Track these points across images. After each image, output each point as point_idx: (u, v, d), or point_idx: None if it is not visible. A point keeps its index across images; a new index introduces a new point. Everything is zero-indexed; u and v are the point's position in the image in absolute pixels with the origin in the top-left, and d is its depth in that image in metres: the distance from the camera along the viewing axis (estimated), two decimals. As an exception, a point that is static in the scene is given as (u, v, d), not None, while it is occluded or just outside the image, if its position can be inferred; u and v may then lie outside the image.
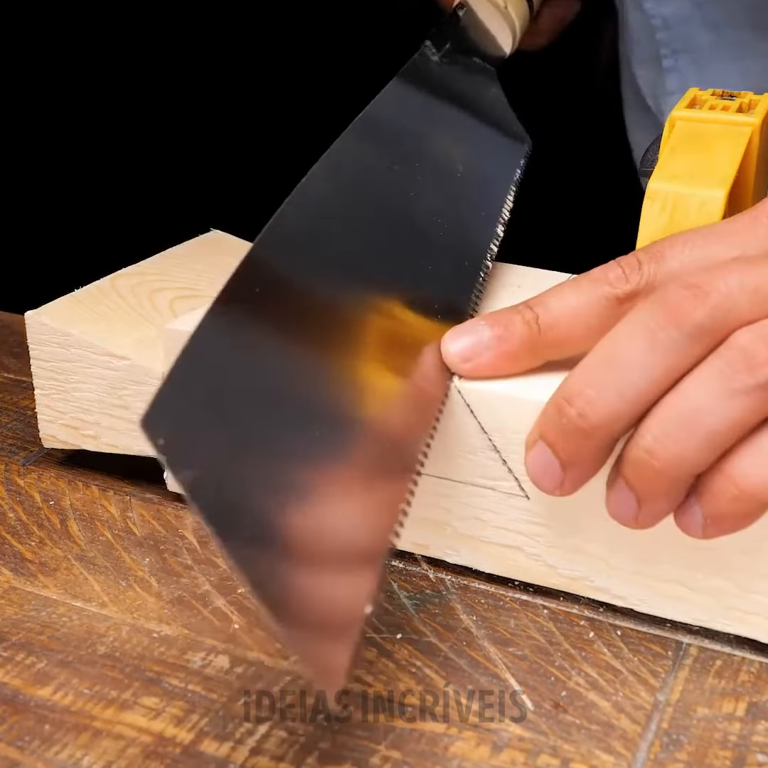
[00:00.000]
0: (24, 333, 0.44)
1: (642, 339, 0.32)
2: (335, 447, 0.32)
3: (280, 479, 0.30)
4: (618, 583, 0.37)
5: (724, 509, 0.32)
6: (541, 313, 0.36)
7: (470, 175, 0.45)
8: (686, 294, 0.32)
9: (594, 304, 0.35)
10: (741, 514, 0.32)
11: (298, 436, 0.31)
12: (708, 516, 0.32)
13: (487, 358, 0.36)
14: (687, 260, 0.35)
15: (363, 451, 0.33)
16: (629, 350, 0.32)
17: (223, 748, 0.32)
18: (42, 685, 0.34)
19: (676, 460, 0.31)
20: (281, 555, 0.28)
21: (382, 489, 0.33)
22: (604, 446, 0.33)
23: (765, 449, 0.31)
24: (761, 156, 0.42)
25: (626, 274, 0.35)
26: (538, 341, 0.36)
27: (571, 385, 0.33)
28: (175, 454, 0.27)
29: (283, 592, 0.27)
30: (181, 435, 0.28)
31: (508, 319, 0.36)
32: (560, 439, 0.33)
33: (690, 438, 0.31)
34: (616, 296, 0.35)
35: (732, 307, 0.32)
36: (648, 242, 0.39)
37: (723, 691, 0.34)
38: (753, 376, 0.31)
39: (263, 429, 0.31)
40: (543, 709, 0.33)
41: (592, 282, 0.35)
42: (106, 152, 0.77)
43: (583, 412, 0.32)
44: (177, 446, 0.27)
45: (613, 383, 0.32)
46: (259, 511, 0.29)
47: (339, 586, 0.30)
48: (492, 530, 0.38)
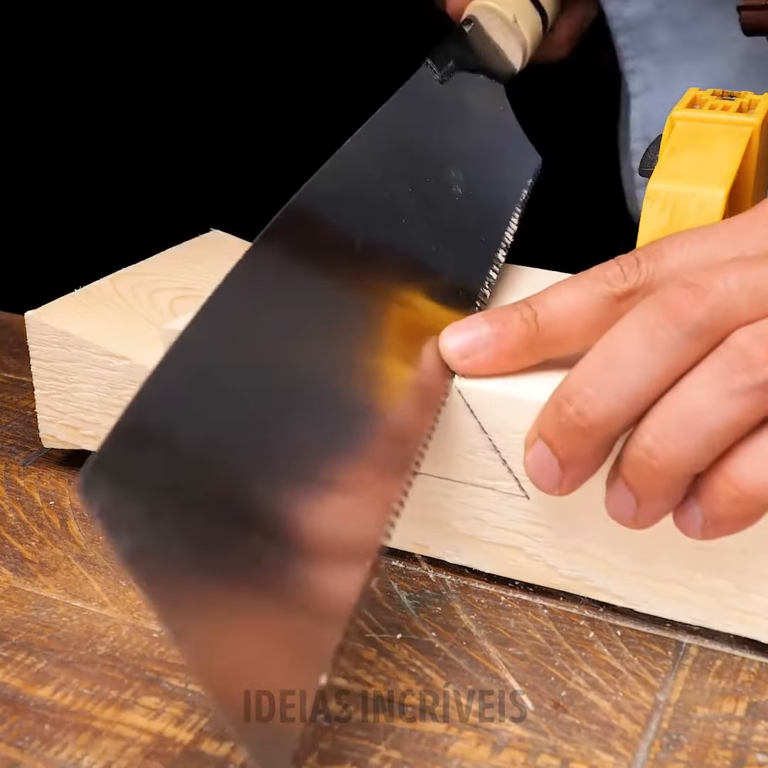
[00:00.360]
0: (24, 333, 0.44)
1: (641, 338, 0.32)
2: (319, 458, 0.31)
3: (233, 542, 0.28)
4: (618, 583, 0.37)
5: (723, 511, 0.32)
6: (539, 310, 0.36)
7: (472, 197, 0.44)
8: (685, 293, 0.32)
9: (592, 302, 0.35)
10: (741, 516, 0.32)
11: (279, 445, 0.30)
12: (707, 517, 0.32)
13: (485, 356, 0.36)
14: (686, 259, 0.35)
15: (365, 446, 0.33)
16: (628, 349, 0.32)
17: (223, 748, 0.32)
18: (42, 685, 0.34)
19: (675, 460, 0.31)
20: (221, 626, 0.27)
21: (379, 486, 0.33)
22: (603, 445, 0.33)
23: (764, 450, 0.31)
24: (761, 156, 0.42)
25: (625, 272, 0.35)
26: (537, 339, 0.36)
27: (570, 383, 0.33)
28: (114, 520, 0.25)
29: (224, 672, 0.26)
30: (121, 499, 0.26)
31: (507, 317, 0.36)
32: (559, 437, 0.33)
33: (689, 438, 0.31)
34: (615, 294, 0.35)
35: (731, 306, 0.32)
36: (648, 242, 0.39)
37: (723, 691, 0.34)
38: (752, 376, 0.31)
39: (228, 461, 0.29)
40: (543, 709, 0.33)
41: (591, 280, 0.35)
42: (105, 152, 0.77)
43: (581, 411, 0.32)
44: (115, 511, 0.25)
45: (612, 382, 0.32)
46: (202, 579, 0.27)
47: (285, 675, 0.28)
48: (492, 530, 0.38)
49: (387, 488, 0.32)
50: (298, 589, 0.29)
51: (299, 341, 0.33)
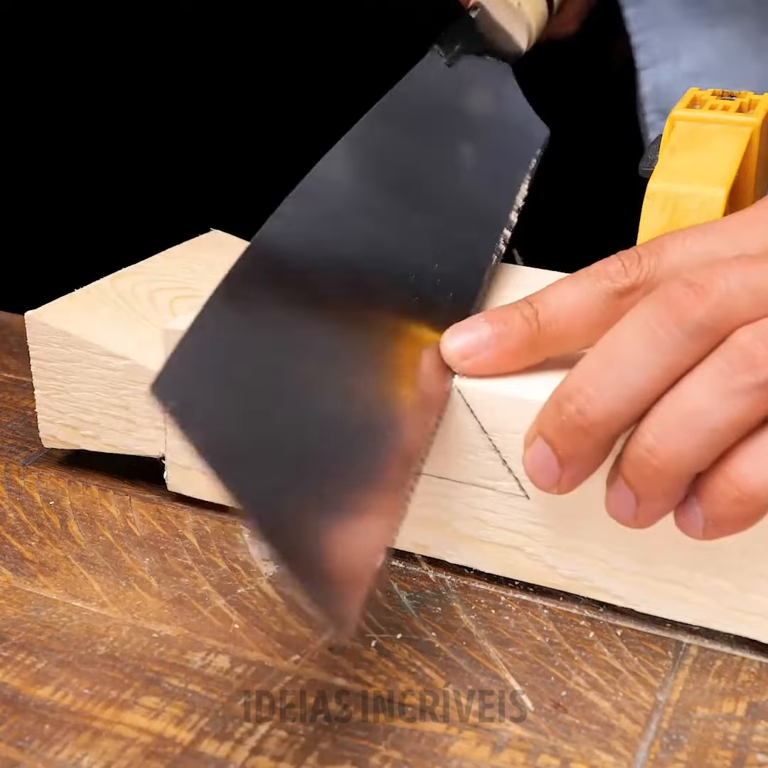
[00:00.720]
0: (24, 333, 0.44)
1: (642, 337, 0.32)
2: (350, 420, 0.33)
3: (292, 441, 0.31)
4: (618, 583, 0.37)
5: (724, 511, 0.32)
6: (540, 309, 0.36)
7: (483, 167, 0.46)
8: (687, 291, 0.32)
9: (593, 298, 0.35)
10: (741, 517, 0.32)
11: (308, 409, 0.32)
12: (708, 518, 0.32)
13: (487, 356, 0.36)
14: (687, 256, 0.35)
15: (370, 464, 0.33)
16: (629, 348, 0.32)
17: (223, 748, 0.32)
18: (42, 685, 0.34)
19: (676, 459, 0.31)
20: (296, 505, 0.29)
21: (383, 500, 0.33)
22: (603, 444, 0.33)
23: (765, 450, 0.31)
24: (761, 156, 0.42)
25: (626, 267, 0.35)
26: (538, 338, 0.36)
27: (571, 382, 0.33)
28: (186, 416, 0.28)
29: (297, 541, 0.28)
30: (192, 398, 0.29)
31: (508, 316, 0.36)
32: (559, 436, 0.33)
33: (690, 437, 0.31)
34: (616, 290, 0.35)
35: (733, 305, 0.32)
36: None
37: (723, 691, 0.34)
38: (753, 375, 0.31)
39: (273, 398, 0.32)
40: (543, 709, 0.33)
41: (591, 276, 0.35)
42: (105, 152, 0.77)
43: (582, 410, 0.32)
44: (188, 409, 0.28)
45: (613, 381, 0.32)
46: (273, 464, 0.30)
47: (354, 536, 0.30)
48: (492, 530, 0.38)
49: (391, 500, 0.33)
50: (360, 472, 0.32)
51: (297, 359, 0.34)
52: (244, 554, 0.40)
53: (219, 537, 0.41)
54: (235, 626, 0.36)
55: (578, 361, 0.33)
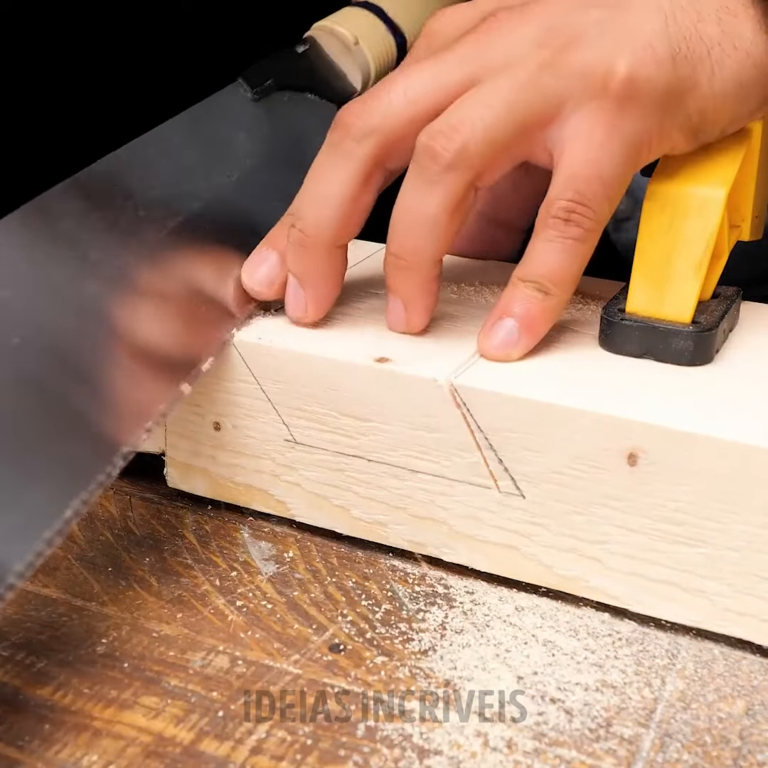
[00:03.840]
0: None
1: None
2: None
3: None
4: (613, 583, 0.37)
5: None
6: (299, 224, 0.40)
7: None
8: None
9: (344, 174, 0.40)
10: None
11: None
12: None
13: (282, 277, 0.41)
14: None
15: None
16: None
17: (223, 748, 0.32)
18: (42, 685, 0.34)
19: (416, 252, 0.38)
20: None
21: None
22: (321, 256, 0.40)
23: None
24: (762, 156, 0.42)
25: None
26: (309, 242, 0.40)
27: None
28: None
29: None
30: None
31: (278, 233, 0.42)
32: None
33: (418, 231, 0.38)
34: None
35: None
36: (648, 242, 0.39)
37: (723, 691, 0.34)
38: (437, 163, 0.37)
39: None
40: (543, 709, 0.33)
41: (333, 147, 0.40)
42: (105, 152, 0.77)
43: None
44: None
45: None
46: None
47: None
48: (488, 529, 0.38)
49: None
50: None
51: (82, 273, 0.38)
52: (244, 554, 0.40)
53: (219, 537, 0.41)
54: (235, 626, 0.36)
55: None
